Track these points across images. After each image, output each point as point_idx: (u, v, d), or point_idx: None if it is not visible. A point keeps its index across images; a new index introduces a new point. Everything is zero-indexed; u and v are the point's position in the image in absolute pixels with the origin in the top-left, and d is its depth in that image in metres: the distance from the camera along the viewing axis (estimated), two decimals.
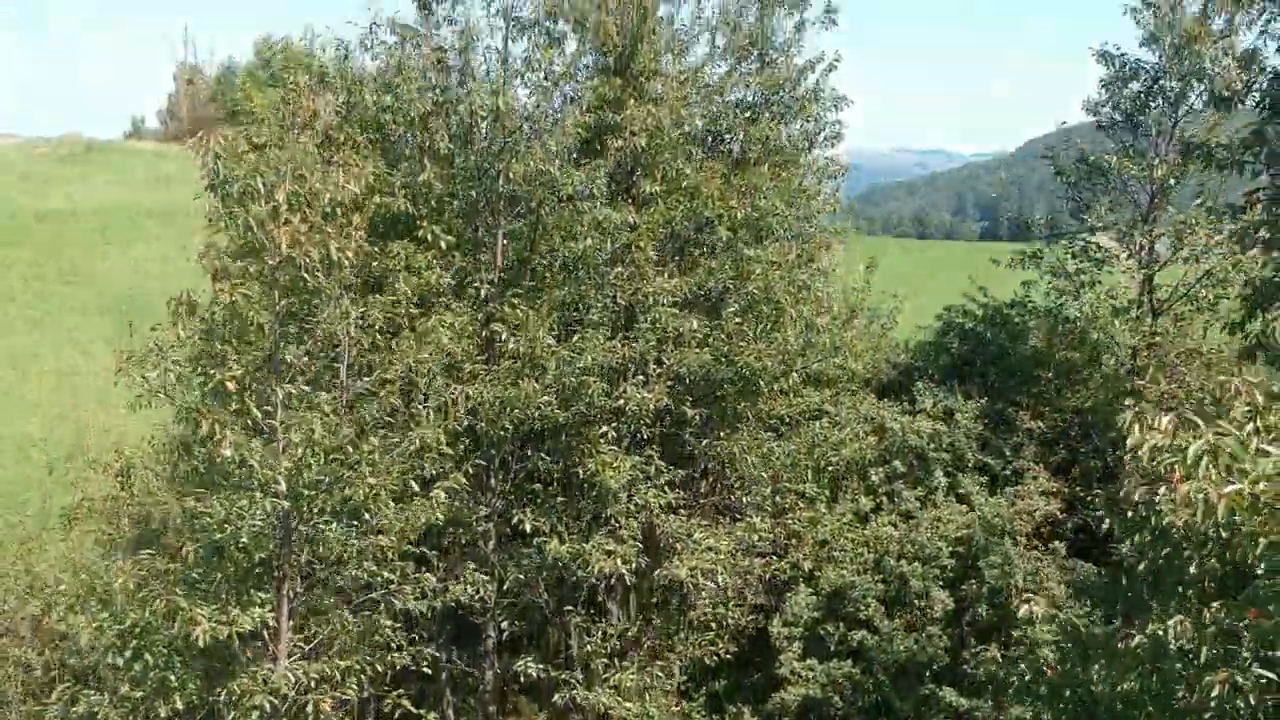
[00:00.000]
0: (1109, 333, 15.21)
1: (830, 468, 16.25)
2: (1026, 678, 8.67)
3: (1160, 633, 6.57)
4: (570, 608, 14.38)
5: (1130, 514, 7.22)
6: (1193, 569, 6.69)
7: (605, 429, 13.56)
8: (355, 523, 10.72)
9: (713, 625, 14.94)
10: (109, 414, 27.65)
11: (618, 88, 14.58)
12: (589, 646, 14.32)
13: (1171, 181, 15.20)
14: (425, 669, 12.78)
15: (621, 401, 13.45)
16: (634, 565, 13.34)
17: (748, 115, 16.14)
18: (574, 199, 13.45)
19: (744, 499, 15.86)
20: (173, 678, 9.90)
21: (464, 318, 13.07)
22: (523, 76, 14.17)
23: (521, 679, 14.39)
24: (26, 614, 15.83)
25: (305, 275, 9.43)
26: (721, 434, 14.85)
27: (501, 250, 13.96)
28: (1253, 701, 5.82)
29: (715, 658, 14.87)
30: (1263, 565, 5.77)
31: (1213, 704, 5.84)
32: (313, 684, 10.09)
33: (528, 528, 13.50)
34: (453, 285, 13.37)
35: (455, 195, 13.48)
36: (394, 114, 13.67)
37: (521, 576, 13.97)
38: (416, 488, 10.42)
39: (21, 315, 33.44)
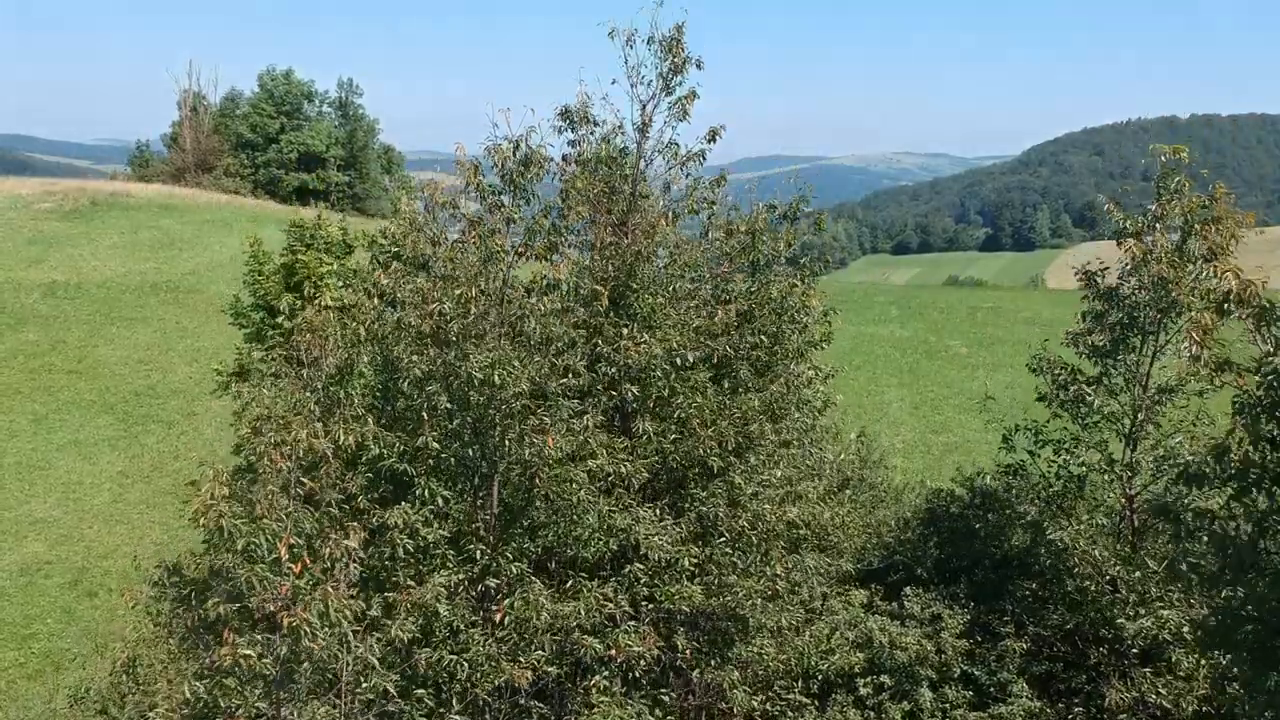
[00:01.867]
0: (1089, 560, 15.54)
1: (819, 675, 16.65)
2: None
3: None
4: None
5: None
6: None
7: (597, 678, 13.92)
8: None
9: None
10: (113, 533, 28.11)
11: (612, 323, 14.95)
12: None
13: (1150, 428, 15.53)
14: None
15: (614, 651, 13.79)
16: None
17: (737, 317, 16.46)
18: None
19: (735, 709, 16.25)
20: None
21: (459, 575, 13.44)
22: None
23: None
24: None
25: (308, 643, 9.76)
26: (713, 662, 15.23)
27: (497, 497, 14.30)
28: None
29: None
30: None
31: None
32: None
33: None
34: (447, 537, 13.71)
35: (452, 454, 13.81)
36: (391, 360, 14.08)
37: None
38: None
39: (26, 411, 33.83)
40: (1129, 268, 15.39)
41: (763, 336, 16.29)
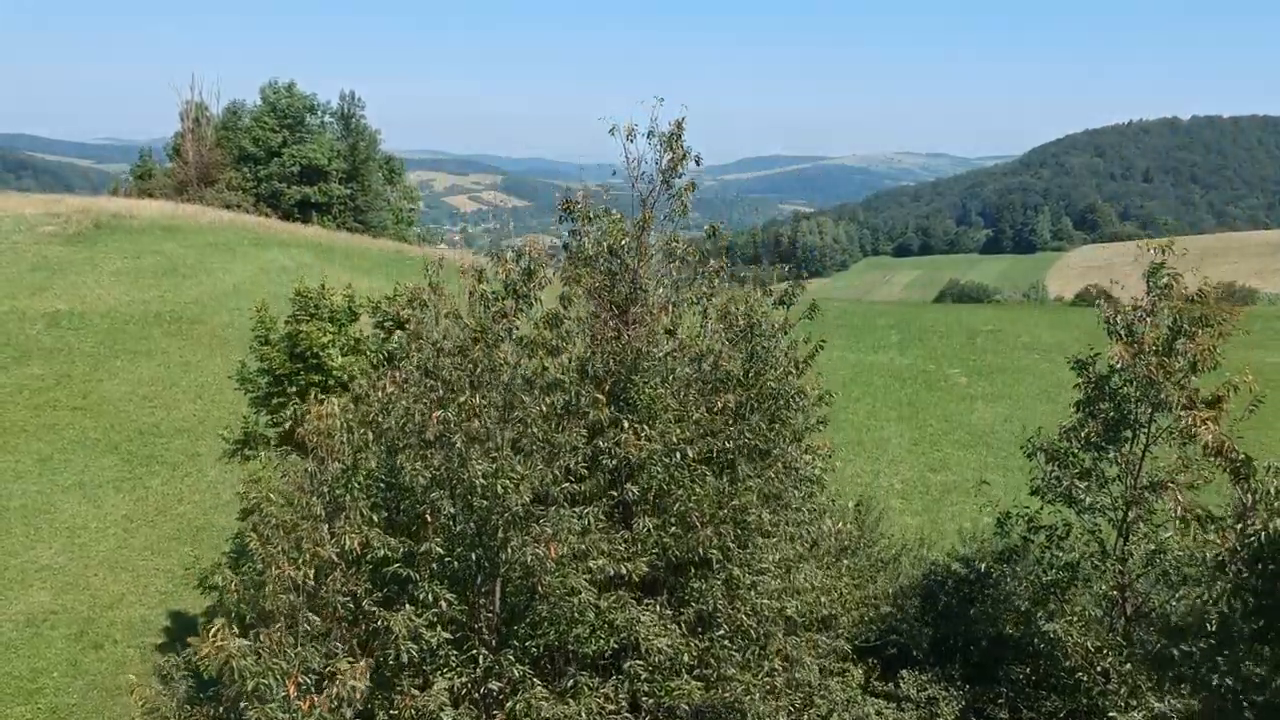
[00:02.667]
0: (1080, 650, 15.81)
1: None
2: None
3: None
4: None
5: None
6: None
7: None
8: None
9: None
10: (118, 581, 28.36)
11: (612, 418, 15.22)
12: None
13: (1140, 527, 15.78)
14: None
15: None
16: None
17: (735, 406, 16.68)
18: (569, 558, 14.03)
19: None
20: None
21: (462, 678, 13.71)
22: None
23: None
24: None
25: None
26: None
27: (500, 598, 14.57)
28: None
29: None
30: None
31: None
32: None
33: None
34: (450, 639, 13.98)
35: (455, 557, 14.08)
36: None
37: None
38: None
39: (32, 451, 34.07)
40: (1118, 365, 15.63)
41: (760, 422, 16.56)
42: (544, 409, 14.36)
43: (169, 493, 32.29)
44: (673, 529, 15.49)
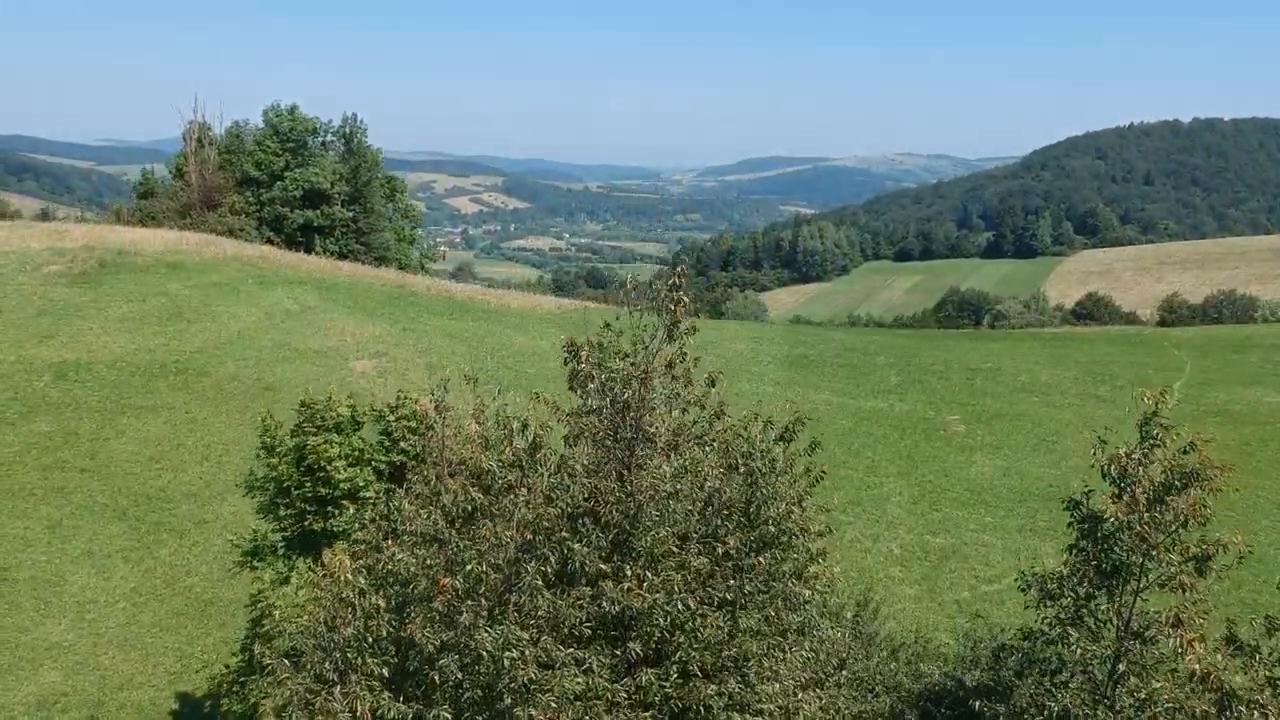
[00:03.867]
0: None
1: None
2: None
3: None
4: None
5: None
6: None
7: None
8: None
9: None
10: (128, 660, 28.77)
11: (615, 567, 15.61)
12: None
13: (1131, 680, 16.13)
14: None
15: None
16: None
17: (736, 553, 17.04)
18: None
19: None
20: None
21: None
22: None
23: None
24: None
25: None
26: None
27: None
28: None
29: None
30: None
31: None
32: None
33: None
34: None
35: None
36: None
37: None
38: None
39: (41, 516, 34.45)
40: (1111, 521, 15.97)
41: (761, 566, 16.93)
42: (548, 570, 14.76)
43: (177, 563, 32.67)
44: (674, 677, 15.89)
